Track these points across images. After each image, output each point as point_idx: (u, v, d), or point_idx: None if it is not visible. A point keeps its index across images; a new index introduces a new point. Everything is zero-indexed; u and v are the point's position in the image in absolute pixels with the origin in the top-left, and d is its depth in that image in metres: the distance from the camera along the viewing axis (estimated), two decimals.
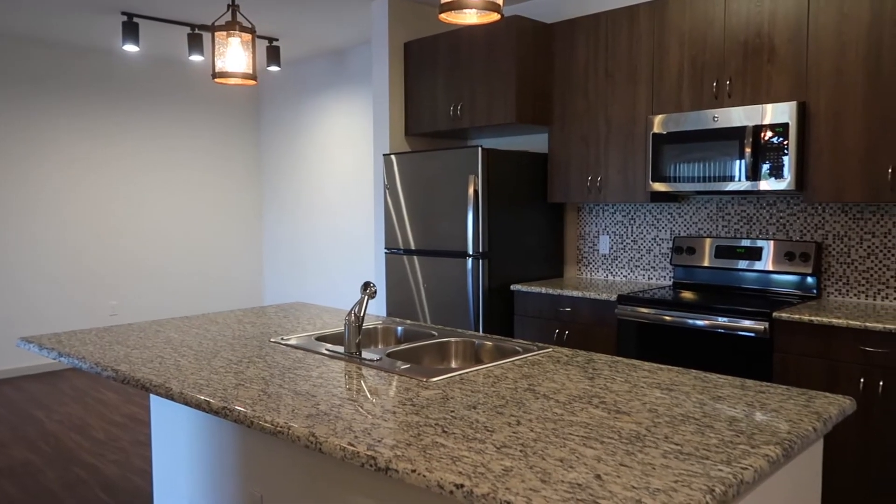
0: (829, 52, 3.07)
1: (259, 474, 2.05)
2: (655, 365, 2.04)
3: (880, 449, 2.75)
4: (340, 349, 2.23)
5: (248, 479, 2.10)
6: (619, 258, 4.24)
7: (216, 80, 2.36)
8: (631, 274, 4.18)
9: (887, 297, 3.23)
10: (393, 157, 4.37)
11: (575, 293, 3.72)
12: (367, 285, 2.27)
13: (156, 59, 6.53)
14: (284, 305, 3.26)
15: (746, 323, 3.06)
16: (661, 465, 1.26)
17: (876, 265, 3.26)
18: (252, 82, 2.36)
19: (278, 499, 1.98)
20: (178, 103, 6.74)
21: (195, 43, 5.10)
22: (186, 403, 1.77)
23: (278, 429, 1.53)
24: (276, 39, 5.73)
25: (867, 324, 2.73)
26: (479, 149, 3.86)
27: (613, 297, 3.56)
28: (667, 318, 3.32)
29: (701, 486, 1.17)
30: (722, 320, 3.14)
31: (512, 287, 4.04)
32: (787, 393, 1.73)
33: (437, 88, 4.45)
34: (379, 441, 1.40)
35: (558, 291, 3.80)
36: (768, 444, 1.37)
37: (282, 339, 2.43)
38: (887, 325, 2.69)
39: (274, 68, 5.62)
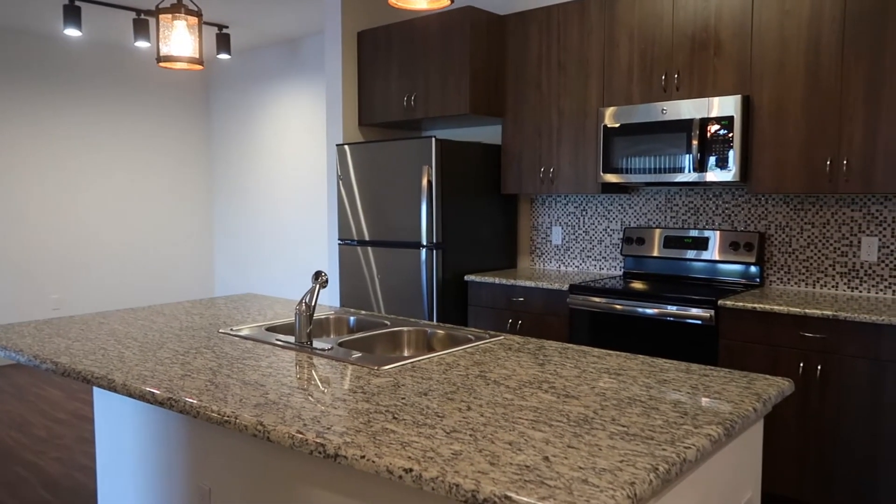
0: (772, 48, 3.16)
1: (207, 467, 2.01)
2: (604, 351, 2.07)
3: (818, 429, 2.86)
4: (291, 339, 2.20)
5: (195, 472, 2.06)
6: (571, 249, 4.29)
7: (161, 64, 2.29)
8: (583, 264, 4.24)
9: (826, 285, 3.35)
10: (346, 147, 4.33)
11: (528, 283, 3.75)
12: (318, 274, 2.24)
13: (100, 45, 6.32)
14: (235, 297, 3.20)
15: (693, 311, 3.14)
16: (607, 445, 1.28)
17: (815, 254, 3.37)
18: (199, 67, 2.30)
19: (227, 491, 1.95)
20: (124, 91, 6.54)
21: (141, 28, 4.96)
22: (130, 395, 1.72)
23: (225, 418, 1.50)
24: (227, 27, 5.61)
25: (806, 310, 2.83)
26: (433, 139, 3.86)
27: (565, 287, 3.60)
28: (617, 306, 3.38)
29: (645, 464, 1.19)
30: (671, 308, 3.21)
31: (466, 277, 4.05)
32: (729, 376, 1.78)
33: (391, 79, 4.43)
34: (328, 428, 1.39)
35: (511, 282, 3.83)
36: (710, 424, 1.41)
37: (231, 329, 2.39)
38: (825, 312, 2.79)
39: (224, 56, 5.51)
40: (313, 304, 2.16)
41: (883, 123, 2.88)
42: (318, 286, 2.20)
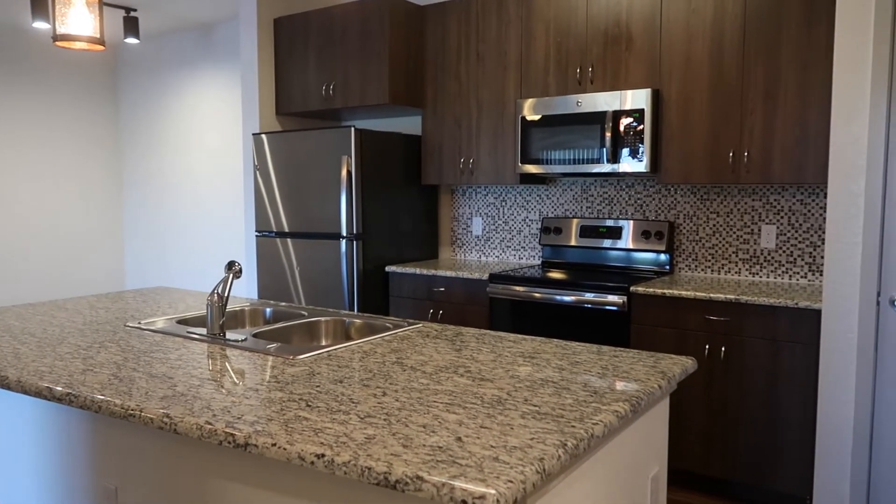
0: (679, 44, 3.29)
1: (113, 466, 1.93)
2: (520, 336, 2.11)
3: (723, 407, 3.01)
4: (203, 331, 2.13)
5: (100, 471, 1.96)
6: (491, 239, 4.34)
7: (57, 43, 2.16)
8: (503, 254, 4.30)
9: (730, 272, 3.52)
10: (263, 136, 4.22)
11: (448, 273, 3.77)
12: (231, 264, 2.18)
13: None
14: (145, 290, 3.07)
15: (607, 297, 3.24)
16: (519, 424, 1.31)
17: (720, 242, 3.54)
18: (100, 47, 2.19)
19: (135, 490, 1.87)
20: (23, 75, 6.15)
21: (39, 7, 4.67)
22: (25, 392, 1.63)
23: (129, 412, 1.44)
24: (135, 10, 5.36)
25: (711, 295, 2.97)
26: (352, 129, 3.82)
27: (485, 277, 3.64)
28: (536, 294, 3.45)
29: (555, 441, 1.22)
30: (587, 295, 3.30)
31: (387, 268, 4.03)
32: (637, 356, 1.85)
33: (309, 67, 4.35)
34: (239, 418, 1.36)
35: (432, 272, 3.84)
36: (618, 401, 1.45)
37: (139, 323, 2.30)
38: (728, 296, 2.93)
39: (132, 40, 5.26)
40: (226, 294, 2.10)
41: (779, 118, 3.05)
42: (231, 276, 2.14)
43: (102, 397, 1.50)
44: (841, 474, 2.74)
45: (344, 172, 3.84)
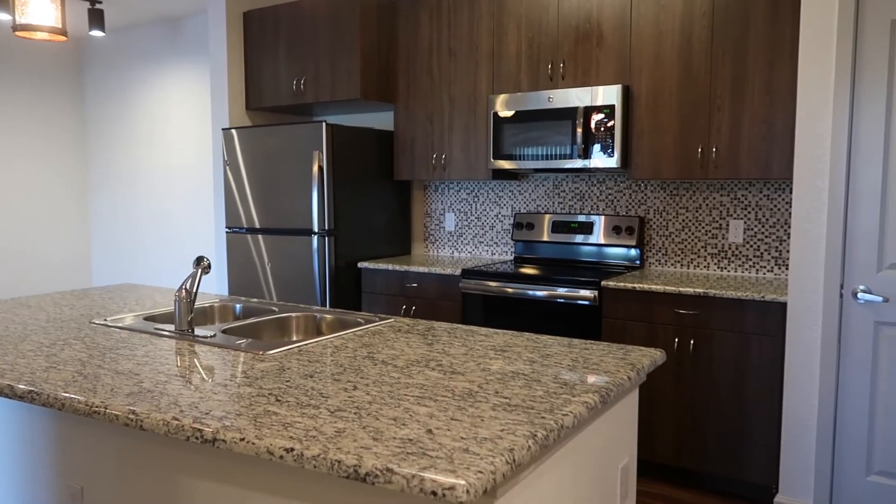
0: (649, 40, 3.32)
1: (78, 465, 1.89)
2: (492, 330, 2.11)
3: (692, 399, 3.05)
4: (171, 328, 2.10)
5: (65, 471, 1.92)
6: (464, 235, 4.35)
7: (18, 33, 2.11)
8: (475, 250, 4.31)
9: (699, 266, 3.57)
10: (234, 131, 4.17)
11: (421, 269, 3.77)
12: (200, 259, 2.15)
13: None
14: (111, 287, 3.02)
15: (579, 292, 3.26)
16: (489, 416, 1.31)
17: (689, 237, 3.59)
18: (62, 38, 2.14)
19: (101, 489, 1.83)
20: None
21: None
22: None
23: (94, 409, 1.41)
24: (100, 1, 5.25)
25: (680, 289, 3.01)
26: (324, 124, 3.79)
27: (458, 272, 3.64)
28: (509, 289, 3.46)
29: (525, 432, 1.22)
30: (559, 290, 3.32)
31: (359, 264, 4.02)
32: (607, 349, 1.86)
33: (280, 62, 4.30)
34: (207, 413, 1.34)
35: (405, 268, 3.83)
36: (588, 392, 1.46)
37: (105, 320, 2.25)
38: (697, 289, 2.97)
39: (97, 33, 5.15)
40: (194, 290, 2.07)
41: (746, 114, 3.10)
42: (199, 271, 2.11)
43: (66, 395, 1.47)
44: (806, 463, 2.80)
45: (315, 168, 3.81)
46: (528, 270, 3.54)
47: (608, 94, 3.35)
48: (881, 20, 2.58)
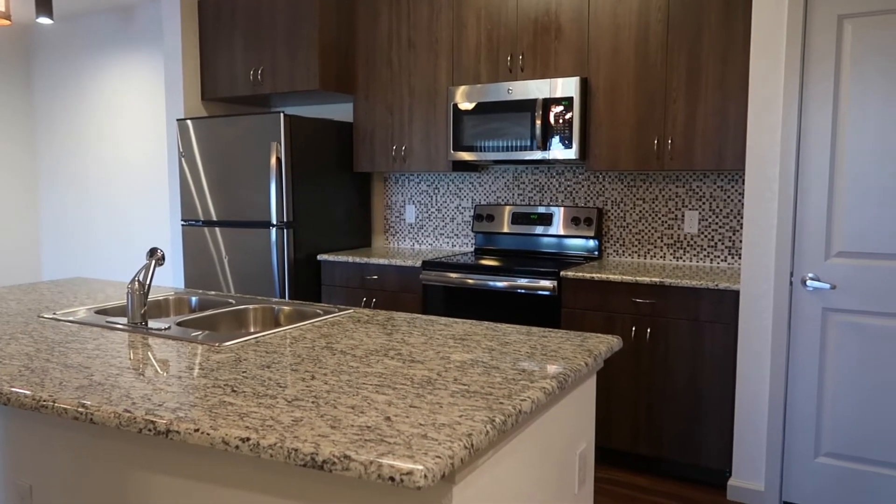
0: (607, 33, 3.35)
1: (26, 462, 1.83)
2: (452, 319, 2.11)
3: (649, 387, 3.11)
4: (124, 321, 2.05)
5: (12, 469, 1.86)
6: (424, 227, 4.34)
7: None
8: (436, 242, 4.31)
9: (655, 256, 3.63)
10: (189, 122, 4.09)
11: (381, 261, 3.75)
12: (153, 251, 2.10)
13: None
14: (61, 280, 2.93)
15: (538, 282, 3.29)
16: (448, 403, 1.31)
17: (646, 228, 3.65)
18: (6, 22, 2.06)
19: (51, 486, 1.78)
20: None
21: None
22: None
23: (41, 403, 1.37)
24: None
25: (637, 278, 3.06)
26: (282, 115, 3.74)
27: (418, 264, 3.64)
28: (469, 280, 3.47)
29: (483, 417, 1.23)
30: (519, 280, 3.34)
31: (319, 257, 3.98)
32: (565, 336, 1.88)
33: (236, 51, 4.22)
34: (160, 405, 1.31)
35: (365, 260, 3.81)
36: (545, 378, 1.48)
37: (55, 314, 2.19)
38: (653, 279, 3.03)
39: (45, 20, 4.97)
40: (148, 282, 2.03)
41: (700, 107, 3.16)
42: (153, 263, 2.06)
43: (12, 389, 1.42)
44: (757, 447, 2.88)
45: (273, 159, 3.76)
46: (489, 262, 3.56)
47: (567, 87, 3.38)
48: (828, 16, 2.65)
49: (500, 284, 3.39)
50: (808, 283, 2.74)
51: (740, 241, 3.40)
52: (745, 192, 2.86)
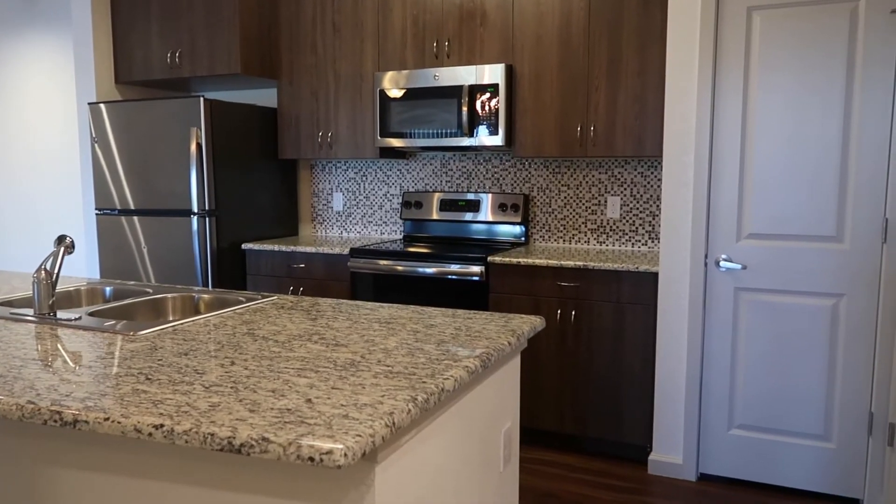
0: (531, 21, 3.39)
1: None
2: (377, 304, 2.10)
3: (574, 368, 3.19)
4: (30, 311, 1.95)
5: None
6: (352, 215, 4.30)
7: None
8: (365, 230, 4.28)
9: (580, 241, 3.72)
10: (102, 106, 3.90)
11: (308, 249, 3.70)
12: (62, 238, 2.00)
13: None
14: None
15: (467, 268, 3.31)
16: (371, 384, 1.30)
17: (570, 213, 3.73)
18: None
19: None
20: None
21: None
22: None
23: None
24: None
25: (562, 262, 3.12)
26: (202, 99, 3.61)
27: (346, 252, 3.60)
28: (398, 268, 3.46)
29: (405, 396, 1.23)
30: (448, 266, 3.36)
31: (243, 246, 3.88)
32: (490, 317, 1.90)
33: (152, 33, 4.05)
34: (67, 395, 1.25)
35: (291, 248, 3.74)
36: (469, 358, 1.49)
37: None
38: (577, 263, 3.10)
39: None
40: (56, 270, 1.93)
41: (621, 94, 3.24)
42: (61, 250, 1.96)
43: None
44: (675, 422, 3.00)
45: (193, 146, 3.63)
46: (418, 248, 3.56)
47: (493, 73, 3.40)
48: (738, 7, 2.77)
49: (429, 271, 3.39)
50: (722, 263, 2.86)
51: (660, 226, 3.52)
52: (662, 178, 2.96)
